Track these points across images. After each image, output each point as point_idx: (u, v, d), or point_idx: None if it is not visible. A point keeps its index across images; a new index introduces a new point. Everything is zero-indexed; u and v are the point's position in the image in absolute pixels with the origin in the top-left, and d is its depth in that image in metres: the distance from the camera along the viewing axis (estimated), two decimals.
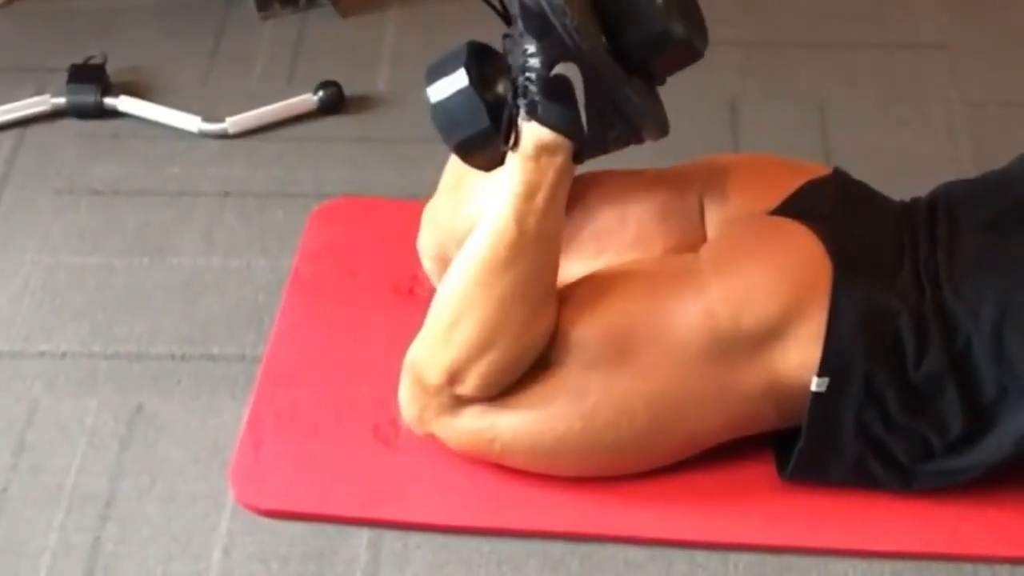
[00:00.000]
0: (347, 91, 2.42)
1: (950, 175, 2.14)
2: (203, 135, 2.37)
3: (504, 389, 1.72)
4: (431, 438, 1.78)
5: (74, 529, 1.77)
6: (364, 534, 1.76)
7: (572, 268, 1.80)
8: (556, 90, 1.67)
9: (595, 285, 1.75)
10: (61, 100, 2.40)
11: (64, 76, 2.42)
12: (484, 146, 1.72)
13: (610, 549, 1.73)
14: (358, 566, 1.73)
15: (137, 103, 2.40)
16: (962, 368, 1.67)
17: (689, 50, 1.73)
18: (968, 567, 1.70)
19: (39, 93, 2.43)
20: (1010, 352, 1.66)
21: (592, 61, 1.65)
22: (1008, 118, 2.36)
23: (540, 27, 1.64)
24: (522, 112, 1.68)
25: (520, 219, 1.68)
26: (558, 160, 1.68)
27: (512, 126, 1.69)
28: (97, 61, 2.45)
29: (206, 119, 2.37)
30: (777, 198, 1.80)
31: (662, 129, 1.74)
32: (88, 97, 2.40)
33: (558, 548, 1.74)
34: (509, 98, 1.69)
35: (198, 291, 2.09)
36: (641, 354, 1.69)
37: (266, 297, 2.07)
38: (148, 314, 2.06)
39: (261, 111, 2.39)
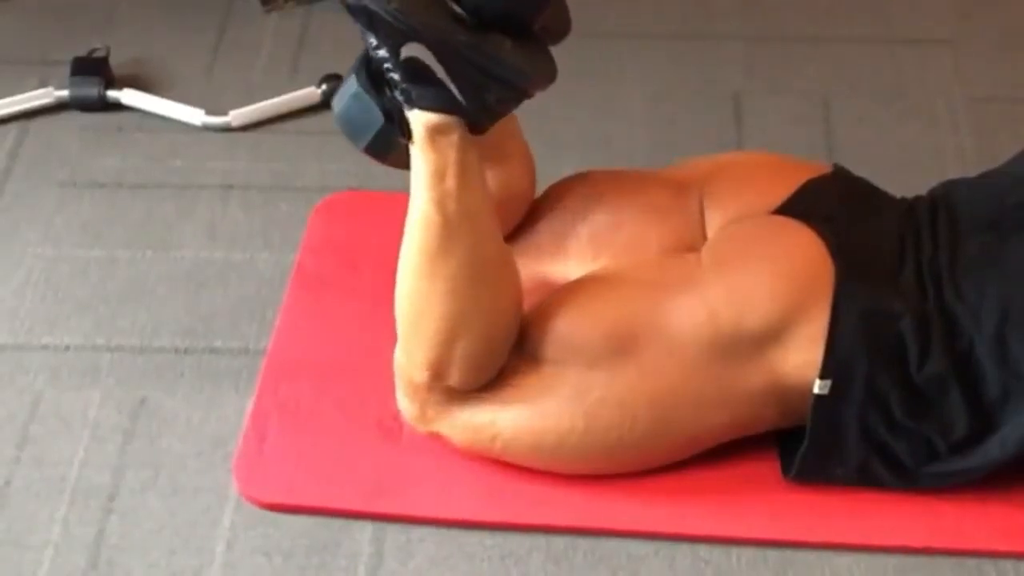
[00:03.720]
0: None
1: (954, 171, 2.14)
2: (206, 128, 2.36)
3: (502, 381, 1.72)
4: (435, 437, 1.78)
5: (77, 522, 1.77)
6: (368, 527, 1.76)
7: (569, 270, 1.80)
8: (414, 73, 1.63)
9: (596, 285, 1.75)
10: (64, 93, 2.40)
11: (67, 69, 2.41)
12: (389, 144, 1.69)
13: (613, 543, 1.73)
14: (361, 560, 1.73)
15: (140, 96, 2.40)
16: (965, 370, 1.67)
17: None
18: (972, 562, 1.70)
19: (42, 86, 2.43)
20: (1013, 353, 1.66)
21: (429, 36, 1.60)
22: (1012, 113, 2.36)
23: (367, 20, 1.60)
24: (402, 102, 1.66)
25: (439, 204, 1.66)
26: (454, 138, 1.65)
27: (402, 119, 1.67)
28: (100, 54, 2.44)
29: (209, 112, 2.37)
30: (778, 198, 1.79)
31: (547, 78, 1.67)
32: (91, 90, 2.39)
33: (561, 542, 1.74)
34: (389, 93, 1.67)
35: (201, 284, 2.09)
36: (643, 354, 1.69)
37: (269, 291, 2.07)
38: (151, 307, 2.06)
39: (264, 104, 2.39)
